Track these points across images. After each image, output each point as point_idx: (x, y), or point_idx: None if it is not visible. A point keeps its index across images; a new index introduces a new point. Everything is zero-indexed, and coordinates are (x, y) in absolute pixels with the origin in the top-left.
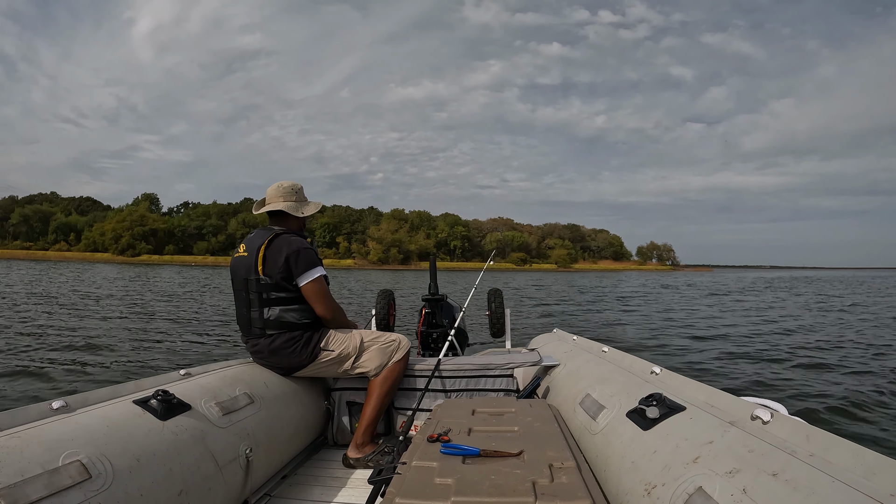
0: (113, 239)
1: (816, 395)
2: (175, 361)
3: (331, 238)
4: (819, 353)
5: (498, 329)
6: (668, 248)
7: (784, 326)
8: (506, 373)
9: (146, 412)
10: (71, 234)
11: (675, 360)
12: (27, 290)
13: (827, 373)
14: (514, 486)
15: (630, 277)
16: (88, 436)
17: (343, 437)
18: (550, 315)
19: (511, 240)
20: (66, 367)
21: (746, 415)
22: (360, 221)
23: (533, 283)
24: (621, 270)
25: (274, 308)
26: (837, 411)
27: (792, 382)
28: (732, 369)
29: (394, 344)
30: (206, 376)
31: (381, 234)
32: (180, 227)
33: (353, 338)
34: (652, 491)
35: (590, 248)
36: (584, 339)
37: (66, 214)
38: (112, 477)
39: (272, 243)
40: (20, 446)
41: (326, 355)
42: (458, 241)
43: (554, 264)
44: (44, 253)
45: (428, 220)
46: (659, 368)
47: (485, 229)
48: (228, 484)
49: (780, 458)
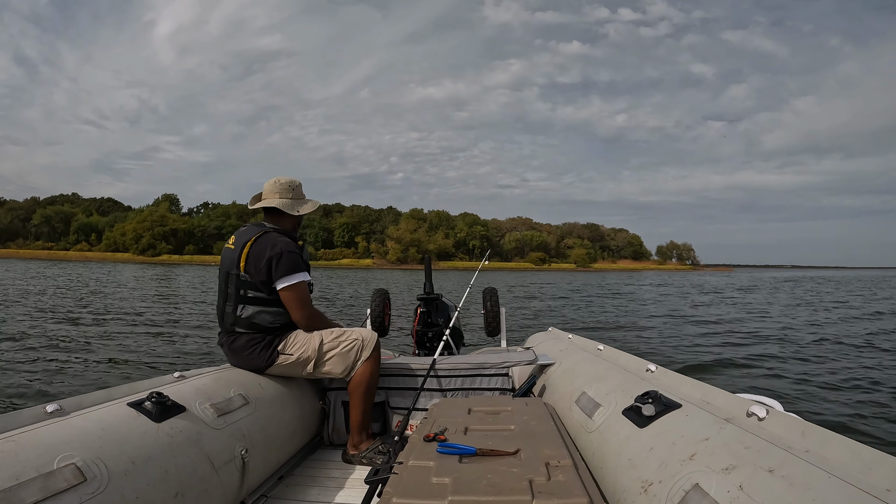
0: (133, 239)
1: (812, 391)
2: (169, 364)
3: (350, 238)
4: (818, 349)
5: (493, 328)
6: (687, 247)
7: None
8: (501, 372)
9: (141, 414)
10: (92, 235)
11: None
12: (22, 290)
13: (826, 369)
14: (511, 485)
15: (646, 277)
16: (83, 439)
17: (339, 437)
18: (551, 313)
19: (530, 239)
20: (60, 370)
21: (742, 412)
22: (378, 221)
23: (550, 283)
24: (640, 270)
25: (249, 307)
26: (833, 407)
27: (790, 379)
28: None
29: (356, 343)
30: (201, 378)
31: (399, 233)
32: (200, 227)
33: (313, 340)
34: (648, 488)
35: (609, 247)
36: (579, 338)
37: (87, 215)
38: (107, 480)
39: (258, 241)
40: (15, 450)
41: (285, 359)
42: (476, 241)
43: (573, 264)
44: (65, 253)
45: (447, 220)
46: (654, 366)
47: (504, 229)
48: (224, 485)
49: (777, 454)
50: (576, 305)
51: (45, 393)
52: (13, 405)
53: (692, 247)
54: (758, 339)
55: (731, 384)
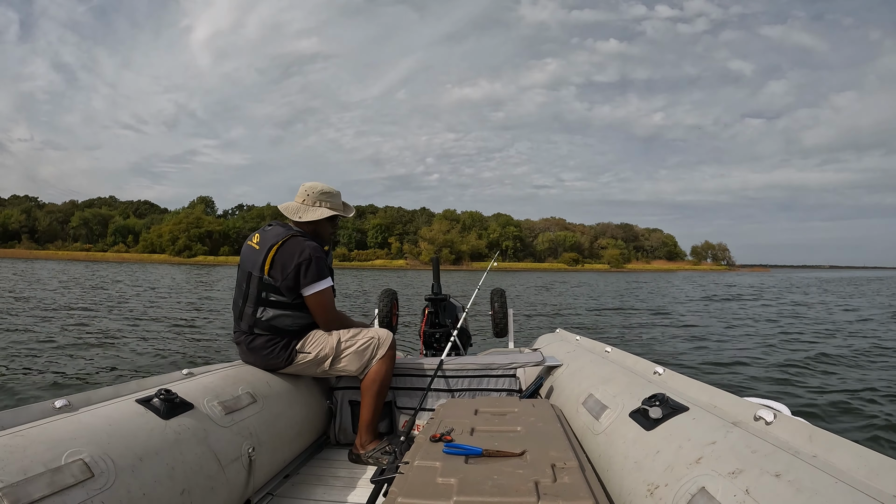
0: (170, 241)
1: (821, 396)
2: (178, 361)
3: (383, 239)
4: (831, 353)
5: (501, 329)
6: (723, 247)
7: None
8: (509, 373)
9: (149, 411)
10: (129, 237)
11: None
12: (37, 289)
13: (833, 373)
14: (517, 486)
15: (677, 278)
16: (91, 435)
17: (345, 437)
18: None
19: (563, 240)
20: (69, 366)
21: (749, 415)
22: (412, 222)
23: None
24: (675, 271)
25: (269, 310)
26: (841, 412)
27: (799, 383)
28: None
29: (372, 342)
30: (209, 375)
31: (432, 234)
32: (235, 229)
33: (331, 339)
34: (655, 491)
35: (643, 247)
36: (587, 339)
37: (124, 217)
38: (114, 476)
39: (285, 245)
40: (23, 445)
41: (303, 357)
42: (509, 242)
43: (606, 264)
44: (103, 255)
45: (480, 221)
46: (662, 369)
47: (537, 229)
48: (231, 483)
49: (783, 458)
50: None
51: (57, 387)
52: (34, 398)
53: (727, 247)
54: (751, 341)
55: (739, 386)
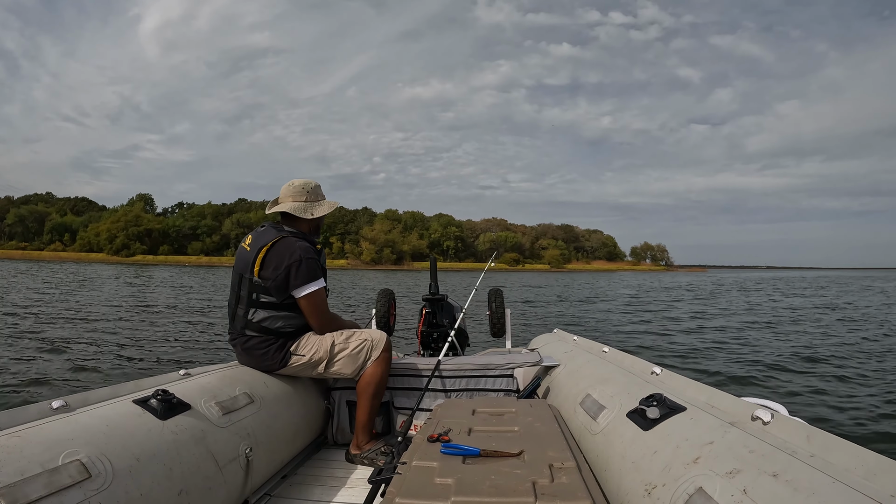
0: (108, 239)
1: (817, 396)
2: (174, 361)
3: (324, 238)
4: (817, 353)
5: (498, 329)
6: (661, 248)
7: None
8: (506, 373)
9: (146, 412)
10: (66, 235)
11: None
12: (25, 288)
13: (829, 374)
14: (515, 487)
15: (618, 278)
16: (88, 435)
17: (343, 437)
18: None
19: (504, 240)
20: (66, 367)
21: (747, 415)
22: (353, 222)
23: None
24: (614, 271)
25: (260, 311)
26: (838, 411)
27: (792, 383)
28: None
29: (366, 344)
30: (206, 376)
31: (374, 234)
32: (175, 228)
33: (324, 342)
34: (652, 491)
35: (584, 248)
36: (584, 340)
37: (61, 215)
38: (112, 476)
39: (275, 246)
40: (20, 445)
41: (298, 360)
42: (451, 242)
43: (547, 265)
44: (39, 253)
45: (421, 221)
46: (659, 369)
47: (478, 230)
48: (229, 484)
49: (781, 458)
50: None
51: (53, 388)
52: (21, 401)
53: (666, 248)
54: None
55: (733, 388)
